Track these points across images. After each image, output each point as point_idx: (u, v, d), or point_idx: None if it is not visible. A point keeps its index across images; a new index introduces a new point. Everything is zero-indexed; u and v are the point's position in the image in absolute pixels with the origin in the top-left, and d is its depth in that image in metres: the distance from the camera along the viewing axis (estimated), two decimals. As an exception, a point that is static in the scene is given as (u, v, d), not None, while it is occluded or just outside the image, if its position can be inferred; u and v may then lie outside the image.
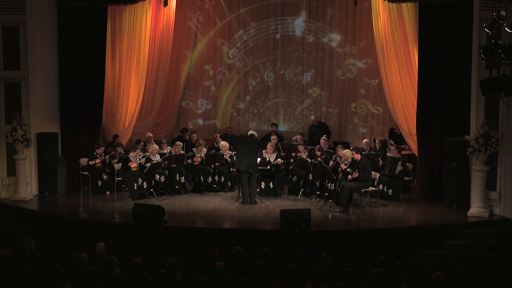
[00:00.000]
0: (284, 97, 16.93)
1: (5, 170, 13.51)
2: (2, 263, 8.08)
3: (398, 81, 14.15)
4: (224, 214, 12.39)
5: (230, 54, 16.99)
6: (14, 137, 13.19)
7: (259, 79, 17.00)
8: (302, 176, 13.81)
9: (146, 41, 15.26)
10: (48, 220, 12.38)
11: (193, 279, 7.82)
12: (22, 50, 13.38)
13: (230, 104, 17.22)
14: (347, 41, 16.28)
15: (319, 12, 16.45)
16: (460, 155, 12.38)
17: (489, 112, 11.92)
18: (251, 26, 16.81)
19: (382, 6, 14.06)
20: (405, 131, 14.28)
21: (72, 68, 14.53)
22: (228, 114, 17.25)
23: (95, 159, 13.95)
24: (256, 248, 9.20)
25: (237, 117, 17.19)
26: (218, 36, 16.95)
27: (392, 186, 13.43)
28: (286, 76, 16.80)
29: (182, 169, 14.15)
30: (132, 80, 15.30)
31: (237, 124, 17.14)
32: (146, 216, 11.55)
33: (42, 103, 13.96)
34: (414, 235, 11.32)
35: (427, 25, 13.24)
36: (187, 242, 10.04)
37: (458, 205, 12.44)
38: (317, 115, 16.39)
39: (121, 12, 15.04)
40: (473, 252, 11.10)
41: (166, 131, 17.08)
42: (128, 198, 13.53)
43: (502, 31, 10.31)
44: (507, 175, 11.71)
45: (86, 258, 8.31)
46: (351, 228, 11.68)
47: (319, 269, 8.34)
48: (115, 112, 15.45)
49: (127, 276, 7.83)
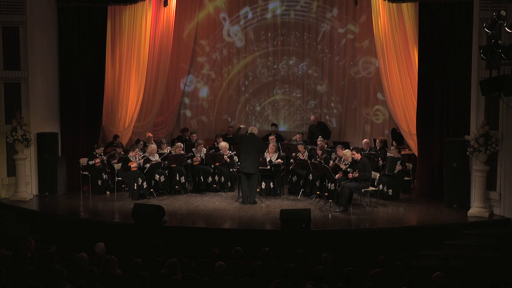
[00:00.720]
0: (288, 94, 16.77)
1: (5, 170, 13.51)
2: (2, 263, 8.08)
3: (398, 81, 14.15)
4: (224, 214, 12.39)
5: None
6: (14, 137, 13.19)
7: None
8: (302, 176, 13.80)
9: (146, 41, 15.27)
10: (48, 220, 12.38)
11: (193, 279, 7.82)
12: (22, 50, 13.38)
13: (228, 97, 17.05)
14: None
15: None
16: (460, 155, 12.37)
17: (489, 112, 11.91)
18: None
19: (382, 6, 14.06)
20: (405, 131, 14.28)
21: (72, 68, 14.52)
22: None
23: (95, 159, 13.95)
24: (256, 248, 9.20)
25: (232, 121, 17.08)
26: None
27: (392, 186, 13.43)
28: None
29: (182, 169, 14.15)
30: (132, 80, 15.30)
31: (236, 123, 17.11)
32: (146, 216, 11.55)
33: (42, 103, 13.96)
34: (414, 235, 11.32)
35: (427, 25, 13.24)
36: (187, 242, 10.04)
37: (458, 205, 12.44)
38: (317, 114, 16.40)
39: (121, 12, 15.04)
40: (473, 252, 11.09)
41: (166, 131, 17.08)
42: (128, 198, 13.53)
43: (502, 31, 10.31)
44: (507, 175, 11.71)
45: (86, 258, 8.32)
46: (351, 228, 11.67)
47: (319, 269, 8.35)
48: (115, 112, 15.45)
49: (127, 276, 7.84)
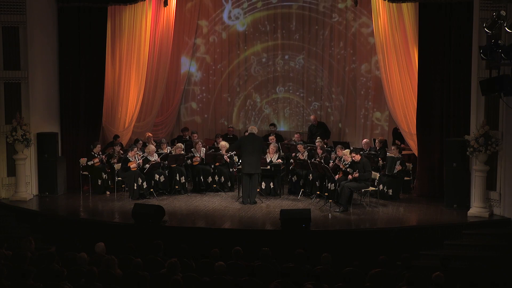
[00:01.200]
0: (290, 93, 16.74)
1: (5, 170, 13.51)
2: (2, 263, 8.07)
3: (398, 81, 14.15)
4: (224, 214, 12.38)
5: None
6: (14, 137, 13.18)
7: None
8: (302, 176, 13.80)
9: (146, 41, 15.27)
10: (48, 220, 12.37)
11: (193, 279, 7.81)
12: (22, 50, 13.38)
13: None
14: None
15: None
16: (460, 155, 12.38)
17: (489, 112, 11.91)
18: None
19: (382, 6, 14.06)
20: (405, 131, 14.27)
21: (72, 68, 14.52)
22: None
23: (94, 159, 13.94)
24: (256, 248, 9.21)
25: (233, 119, 17.09)
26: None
27: (392, 186, 13.43)
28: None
29: (182, 169, 14.15)
30: (132, 80, 15.30)
31: (236, 123, 17.13)
32: (146, 216, 11.55)
33: (42, 103, 13.95)
34: (414, 235, 11.31)
35: (427, 25, 13.23)
36: (187, 242, 10.03)
37: (458, 205, 12.44)
38: (317, 114, 16.41)
39: (121, 12, 15.04)
40: (473, 252, 11.09)
41: (166, 131, 17.08)
42: (128, 198, 13.53)
43: (502, 31, 10.31)
44: (507, 175, 11.71)
45: (86, 258, 8.31)
46: (351, 228, 11.67)
47: (319, 269, 8.35)
48: (115, 112, 15.44)
49: (127, 276, 7.83)
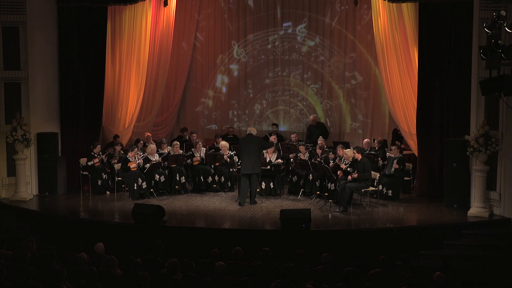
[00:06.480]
0: (288, 97, 16.96)
1: (5, 170, 13.52)
2: (2, 263, 8.07)
3: (398, 81, 14.15)
4: (224, 214, 12.38)
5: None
6: (14, 137, 13.19)
7: (260, 80, 17.07)
8: (302, 176, 13.80)
9: (146, 41, 15.26)
10: (48, 220, 12.37)
11: (193, 279, 7.81)
12: (22, 50, 13.39)
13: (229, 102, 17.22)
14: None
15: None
16: (460, 155, 12.37)
17: (489, 112, 11.92)
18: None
19: (382, 6, 14.06)
20: (405, 131, 14.27)
21: (72, 68, 14.52)
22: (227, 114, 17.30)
23: (94, 159, 13.94)
24: (256, 248, 9.20)
25: (236, 120, 17.18)
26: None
27: (392, 186, 13.42)
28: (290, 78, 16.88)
29: (182, 169, 14.14)
30: (132, 80, 15.29)
31: (237, 124, 17.17)
32: (146, 216, 11.55)
33: (42, 103, 13.96)
34: (414, 235, 11.32)
35: (427, 25, 13.23)
36: (187, 242, 10.03)
37: (458, 205, 12.44)
38: (316, 115, 16.43)
39: (121, 12, 15.03)
40: (473, 252, 11.09)
41: (166, 131, 17.08)
42: (128, 198, 13.53)
43: (502, 31, 10.30)
44: (507, 175, 11.71)
45: (86, 258, 8.31)
46: (351, 228, 11.66)
47: (319, 269, 8.35)
48: (115, 112, 15.44)
49: (127, 276, 7.83)
